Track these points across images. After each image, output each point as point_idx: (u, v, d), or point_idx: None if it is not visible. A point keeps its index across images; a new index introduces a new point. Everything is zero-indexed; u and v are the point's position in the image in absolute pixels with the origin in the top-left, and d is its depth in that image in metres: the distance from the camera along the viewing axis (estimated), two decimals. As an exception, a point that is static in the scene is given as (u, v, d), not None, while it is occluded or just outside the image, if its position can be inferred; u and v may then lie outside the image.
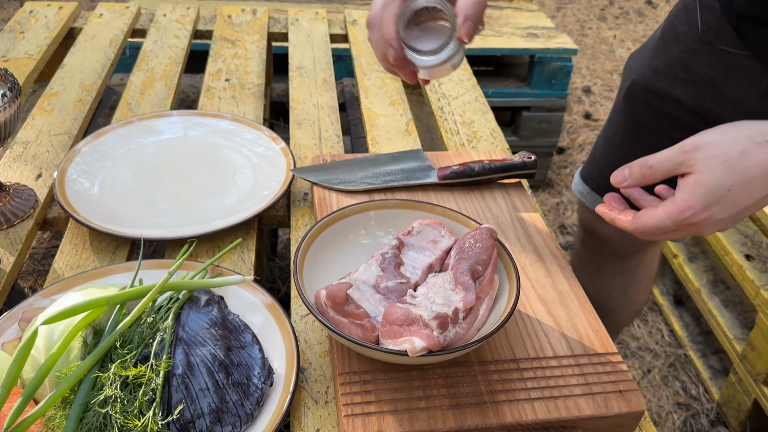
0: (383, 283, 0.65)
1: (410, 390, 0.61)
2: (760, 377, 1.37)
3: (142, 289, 0.63)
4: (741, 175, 0.58)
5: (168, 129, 0.99)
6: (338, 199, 0.84)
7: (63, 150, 0.99)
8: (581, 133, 2.63)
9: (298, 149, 1.02)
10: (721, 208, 0.59)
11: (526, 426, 0.60)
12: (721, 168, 0.59)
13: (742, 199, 0.59)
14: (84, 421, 0.53)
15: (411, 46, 0.68)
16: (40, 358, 0.58)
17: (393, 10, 0.68)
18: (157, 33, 1.37)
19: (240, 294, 0.71)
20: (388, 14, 0.68)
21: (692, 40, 0.89)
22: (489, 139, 1.08)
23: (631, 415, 0.61)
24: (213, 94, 1.16)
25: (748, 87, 0.85)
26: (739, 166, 0.58)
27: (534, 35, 2.07)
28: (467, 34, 0.67)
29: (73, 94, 1.13)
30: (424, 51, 0.68)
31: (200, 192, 0.89)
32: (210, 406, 0.57)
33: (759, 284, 1.38)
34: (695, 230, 0.61)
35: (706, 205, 0.59)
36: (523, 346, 0.66)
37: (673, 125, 0.96)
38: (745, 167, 0.58)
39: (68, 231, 0.84)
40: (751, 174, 0.58)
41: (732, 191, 0.58)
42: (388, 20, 0.68)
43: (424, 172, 0.89)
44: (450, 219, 0.73)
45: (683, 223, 0.61)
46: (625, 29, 3.60)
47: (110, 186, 0.88)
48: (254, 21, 1.44)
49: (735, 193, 0.58)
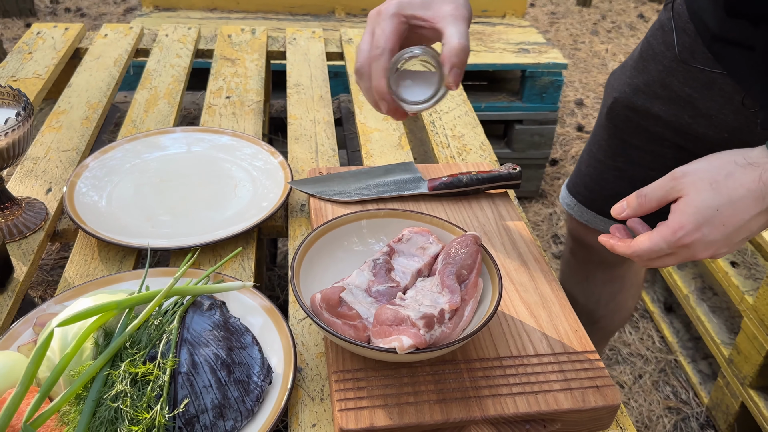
0: (375, 287, 0.70)
1: (400, 386, 0.65)
2: (747, 380, 1.41)
3: (150, 294, 0.67)
4: (727, 195, 0.62)
5: (172, 144, 1.04)
6: (333, 210, 0.89)
7: (71, 165, 1.03)
8: (574, 145, 2.69)
9: (295, 163, 1.07)
10: (711, 228, 0.62)
11: (508, 419, 0.64)
12: (708, 189, 0.63)
13: (731, 219, 0.62)
14: (96, 415, 0.57)
15: (403, 100, 0.71)
16: (55, 358, 0.62)
17: (382, 65, 0.68)
18: (160, 52, 1.42)
19: (241, 299, 0.76)
20: (378, 69, 0.68)
21: (669, 59, 0.94)
22: (478, 152, 1.13)
23: (607, 408, 0.66)
24: (214, 110, 1.21)
25: (722, 103, 0.90)
26: (725, 187, 0.62)
27: (525, 50, 2.13)
28: (455, 81, 0.68)
29: (80, 112, 1.18)
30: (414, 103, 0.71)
31: (202, 204, 0.94)
32: (213, 402, 0.62)
33: (744, 290, 1.42)
34: (689, 253, 0.64)
35: (696, 226, 0.63)
36: (506, 345, 0.70)
37: (653, 140, 1.01)
38: (731, 188, 0.62)
39: (77, 242, 0.88)
40: (737, 194, 0.62)
41: (720, 211, 0.62)
42: (378, 75, 0.68)
43: (414, 183, 0.94)
44: (437, 227, 0.78)
45: (676, 245, 0.64)
46: (617, 43, 3.66)
47: (117, 199, 0.93)
48: (253, 40, 1.50)
49: (723, 213, 0.62)
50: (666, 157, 1.02)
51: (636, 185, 1.07)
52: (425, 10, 0.69)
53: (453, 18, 0.67)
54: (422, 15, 0.69)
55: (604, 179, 1.10)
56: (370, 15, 0.71)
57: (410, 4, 0.69)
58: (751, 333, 1.38)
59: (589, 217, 1.14)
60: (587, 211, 1.14)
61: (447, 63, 0.67)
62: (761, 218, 0.62)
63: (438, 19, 0.68)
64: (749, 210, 0.61)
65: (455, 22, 0.67)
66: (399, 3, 0.69)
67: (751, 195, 0.61)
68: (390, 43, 0.68)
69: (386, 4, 0.69)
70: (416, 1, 0.69)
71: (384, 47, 0.68)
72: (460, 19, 0.68)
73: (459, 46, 0.66)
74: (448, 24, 0.67)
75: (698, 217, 0.63)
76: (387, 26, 0.68)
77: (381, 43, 0.68)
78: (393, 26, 0.68)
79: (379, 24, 0.69)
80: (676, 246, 0.64)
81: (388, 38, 0.68)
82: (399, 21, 0.69)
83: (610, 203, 1.12)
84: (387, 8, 0.69)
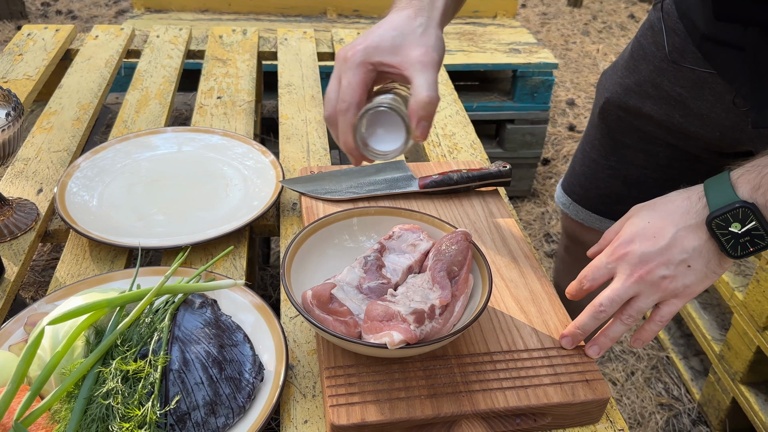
0: (365, 284, 0.70)
1: (391, 381, 0.65)
2: (737, 376, 1.42)
3: (141, 293, 0.67)
4: (659, 211, 0.67)
5: (163, 144, 1.04)
6: (325, 208, 0.89)
7: (62, 166, 1.03)
8: (565, 144, 2.70)
9: (287, 162, 1.07)
10: (642, 240, 0.66)
11: (498, 413, 0.64)
12: (646, 208, 0.69)
13: (660, 231, 0.65)
14: (88, 413, 0.57)
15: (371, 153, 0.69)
16: (45, 356, 0.62)
17: (348, 120, 0.66)
18: (151, 53, 1.42)
19: (232, 297, 0.76)
20: (344, 124, 0.66)
21: (659, 59, 0.94)
22: (469, 150, 1.13)
23: (597, 402, 0.66)
24: (205, 111, 1.21)
25: (713, 102, 0.91)
26: (658, 205, 0.68)
27: (516, 50, 2.14)
28: (422, 135, 0.66)
29: (71, 113, 1.18)
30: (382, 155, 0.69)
31: (194, 203, 0.94)
32: (204, 399, 0.62)
33: (733, 286, 1.43)
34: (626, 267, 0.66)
35: (630, 236, 0.67)
36: (497, 340, 0.71)
37: (646, 140, 1.02)
38: (662, 204, 0.68)
39: (69, 242, 0.88)
40: (666, 209, 0.67)
41: (650, 223, 0.67)
42: (345, 131, 0.66)
43: (405, 181, 0.94)
44: (428, 224, 0.78)
45: (613, 255, 0.67)
46: (608, 43, 3.68)
47: (109, 199, 0.93)
48: (244, 41, 1.50)
49: (653, 225, 0.66)
50: (659, 156, 1.02)
51: (630, 183, 1.08)
52: (393, 56, 0.65)
53: (422, 66, 0.64)
54: (390, 62, 0.65)
55: (598, 178, 1.11)
56: (338, 57, 0.67)
57: (377, 50, 0.65)
58: (741, 329, 1.39)
59: (584, 215, 1.15)
60: (582, 210, 1.15)
61: (414, 117, 0.64)
62: (690, 235, 0.65)
63: (406, 66, 0.65)
64: (676, 223, 0.65)
65: (424, 69, 0.64)
66: (366, 49, 0.65)
67: (678, 210, 0.66)
68: (356, 97, 0.65)
69: (353, 49, 0.66)
70: (384, 45, 0.65)
71: (350, 102, 0.65)
72: (429, 66, 0.64)
73: (426, 99, 0.63)
74: (416, 72, 0.64)
75: (633, 230, 0.67)
76: (354, 77, 0.65)
77: (347, 97, 0.65)
78: (360, 77, 0.65)
79: (346, 73, 0.65)
80: (613, 258, 0.68)
81: (354, 91, 0.65)
82: (366, 70, 0.65)
83: (604, 201, 1.13)
84: (354, 55, 0.65)
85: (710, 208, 0.63)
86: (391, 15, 0.70)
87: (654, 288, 0.66)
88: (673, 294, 0.66)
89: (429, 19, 0.68)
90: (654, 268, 0.65)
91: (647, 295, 0.66)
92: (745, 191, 0.62)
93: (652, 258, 0.65)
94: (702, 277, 0.66)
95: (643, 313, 0.67)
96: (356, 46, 0.66)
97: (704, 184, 0.66)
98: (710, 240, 0.64)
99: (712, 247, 0.65)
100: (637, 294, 0.66)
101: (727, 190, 0.63)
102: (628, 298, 0.66)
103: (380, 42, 0.66)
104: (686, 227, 0.65)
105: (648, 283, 0.65)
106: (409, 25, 0.67)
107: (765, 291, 1.31)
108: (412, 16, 0.68)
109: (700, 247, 0.64)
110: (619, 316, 0.68)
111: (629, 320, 0.68)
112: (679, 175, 1.02)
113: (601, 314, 0.67)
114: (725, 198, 0.63)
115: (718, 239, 0.64)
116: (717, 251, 0.65)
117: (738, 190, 0.62)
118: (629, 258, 0.66)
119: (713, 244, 0.64)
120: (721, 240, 0.63)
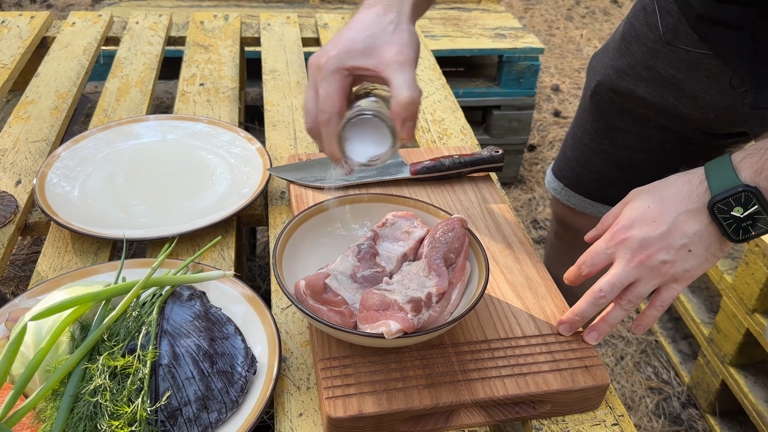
0: (360, 273, 0.68)
1: (388, 372, 0.64)
2: (727, 359, 1.43)
3: (127, 285, 0.65)
4: (659, 195, 0.66)
5: (146, 133, 1.01)
6: (315, 196, 0.87)
7: (41, 156, 1.00)
8: (551, 130, 2.69)
9: (274, 150, 1.05)
10: (642, 225, 0.65)
11: (497, 401, 0.63)
12: (645, 192, 0.67)
13: (660, 216, 0.64)
14: (75, 411, 0.55)
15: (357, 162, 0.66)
16: (29, 353, 0.60)
17: (332, 131, 0.63)
18: (131, 40, 1.38)
19: (221, 289, 0.74)
20: (328, 135, 0.64)
21: (653, 40, 0.93)
22: (459, 136, 1.12)
23: (596, 388, 0.65)
24: (188, 98, 1.18)
25: (708, 84, 0.90)
26: (658, 189, 0.67)
27: (502, 36, 2.13)
28: (408, 135, 0.63)
29: (48, 102, 1.14)
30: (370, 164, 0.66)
31: (179, 193, 0.91)
32: (196, 394, 0.60)
33: (722, 269, 1.44)
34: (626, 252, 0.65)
35: (630, 221, 0.66)
36: (494, 327, 0.70)
37: (638, 122, 1.01)
38: (663, 188, 0.66)
39: (50, 234, 0.85)
40: (667, 193, 0.66)
41: (650, 207, 0.65)
42: (330, 142, 0.64)
43: (397, 168, 0.92)
44: (422, 211, 0.76)
45: (613, 240, 0.66)
46: (591, 28, 3.68)
47: (91, 189, 0.90)
48: (226, 26, 1.47)
49: (653, 209, 0.65)
50: (651, 139, 1.01)
51: (622, 167, 1.07)
52: (367, 58, 0.63)
53: (398, 65, 0.62)
54: (365, 65, 0.63)
55: (590, 162, 1.10)
56: (311, 66, 0.64)
57: (350, 54, 0.63)
58: (730, 312, 1.40)
59: (576, 200, 1.14)
60: (574, 195, 1.14)
61: (398, 119, 0.62)
62: (691, 220, 0.64)
63: (382, 68, 0.62)
64: (677, 207, 0.64)
65: (401, 69, 0.61)
66: (339, 54, 0.63)
67: (678, 194, 0.65)
68: (336, 106, 0.62)
69: (326, 55, 0.63)
70: (357, 47, 0.63)
71: (331, 112, 0.62)
72: (406, 64, 0.62)
73: (408, 99, 0.60)
74: (393, 73, 0.62)
75: (632, 214, 0.66)
76: (330, 86, 0.62)
77: (327, 107, 0.62)
78: (337, 85, 0.62)
79: (322, 83, 0.63)
80: (613, 243, 0.66)
81: (333, 101, 0.62)
82: (342, 76, 0.63)
83: (597, 186, 1.12)
84: (328, 63, 0.62)
85: (712, 192, 0.62)
86: (360, 13, 0.67)
87: (654, 273, 0.65)
88: (673, 278, 0.65)
89: (399, 14, 0.65)
90: (654, 253, 0.64)
91: (647, 280, 0.65)
92: (748, 175, 0.61)
93: (652, 243, 0.64)
94: (702, 261, 0.65)
95: (643, 298, 0.66)
96: (329, 52, 0.63)
97: (705, 167, 0.65)
98: (711, 224, 0.64)
99: (713, 231, 0.64)
100: (637, 279, 0.65)
101: (729, 174, 0.62)
102: (628, 283, 0.66)
103: (352, 45, 0.63)
104: (687, 211, 0.64)
105: (648, 268, 0.65)
106: (379, 24, 0.64)
107: (754, 273, 1.31)
108: (382, 13, 0.65)
109: (701, 231, 0.64)
110: (618, 302, 0.67)
111: (629, 305, 0.67)
112: (672, 157, 1.01)
113: (601, 300, 0.66)
114: (727, 182, 0.62)
115: (720, 223, 0.63)
116: (718, 235, 0.64)
117: (740, 174, 0.62)
118: (629, 243, 0.65)
119: (714, 228, 0.64)
120: (723, 224, 0.63)
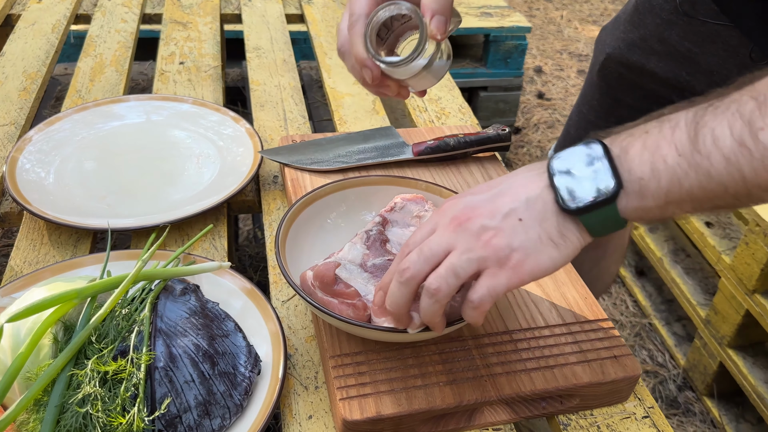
0: (370, 261, 0.63)
1: (405, 369, 0.59)
2: (725, 340, 1.41)
3: (115, 280, 0.58)
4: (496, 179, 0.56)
5: (127, 114, 0.94)
6: (312, 180, 0.81)
7: (10, 141, 0.92)
8: (535, 113, 2.65)
9: (263, 131, 0.98)
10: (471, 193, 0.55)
11: (524, 397, 0.58)
12: None
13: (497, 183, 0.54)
14: (61, 423, 0.49)
15: (384, 61, 0.63)
16: (6, 359, 0.53)
17: (359, 31, 0.64)
18: (103, 18, 1.30)
19: (217, 281, 0.68)
20: (355, 35, 0.64)
21: (668, 12, 0.88)
22: (458, 115, 1.06)
23: (627, 379, 0.61)
24: (167, 78, 1.10)
25: (725, 58, 0.85)
26: None
27: (488, 14, 2.07)
28: (438, 29, 0.61)
29: (16, 83, 1.06)
30: (399, 63, 0.62)
31: (164, 179, 0.85)
32: (197, 399, 0.54)
33: (720, 250, 1.41)
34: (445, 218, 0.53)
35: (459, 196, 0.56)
36: (515, 317, 0.65)
37: (648, 99, 0.96)
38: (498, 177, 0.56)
39: (23, 225, 0.78)
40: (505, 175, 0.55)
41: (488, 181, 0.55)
42: (357, 42, 0.64)
43: (398, 148, 0.87)
44: (433, 193, 0.71)
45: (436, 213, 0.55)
46: (571, 9, 3.64)
47: (67, 175, 0.83)
48: (205, 3, 1.39)
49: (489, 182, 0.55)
50: None
51: None
52: None
53: None
54: None
55: None
56: None
57: None
58: (728, 293, 1.38)
59: None
60: None
61: (427, 11, 0.61)
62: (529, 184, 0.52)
63: None
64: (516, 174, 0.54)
65: None
66: None
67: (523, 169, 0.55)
68: (366, 8, 0.63)
69: None
70: None
71: (359, 13, 0.64)
72: None
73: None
74: None
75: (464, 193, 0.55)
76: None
77: (356, 10, 0.64)
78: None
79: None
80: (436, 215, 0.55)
81: (362, 5, 0.64)
82: None
83: None
84: None
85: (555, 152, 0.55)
86: None
87: (472, 239, 0.51)
88: (498, 261, 0.50)
89: None
90: (476, 217, 0.52)
91: (463, 248, 0.51)
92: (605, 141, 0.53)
93: (477, 205, 0.53)
94: (535, 242, 0.50)
95: (457, 278, 0.51)
96: None
97: None
98: (548, 188, 0.51)
99: (549, 200, 0.51)
100: (451, 246, 0.52)
101: None
102: (441, 252, 0.52)
103: None
104: (525, 177, 0.53)
105: (467, 233, 0.51)
106: None
107: (754, 254, 1.29)
108: None
109: (535, 197, 0.51)
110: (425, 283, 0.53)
111: (436, 283, 0.51)
112: None
113: (406, 275, 0.52)
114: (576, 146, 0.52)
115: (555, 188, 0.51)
116: (554, 206, 0.51)
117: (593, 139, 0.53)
118: (451, 208, 0.54)
119: (550, 196, 0.51)
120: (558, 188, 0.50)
